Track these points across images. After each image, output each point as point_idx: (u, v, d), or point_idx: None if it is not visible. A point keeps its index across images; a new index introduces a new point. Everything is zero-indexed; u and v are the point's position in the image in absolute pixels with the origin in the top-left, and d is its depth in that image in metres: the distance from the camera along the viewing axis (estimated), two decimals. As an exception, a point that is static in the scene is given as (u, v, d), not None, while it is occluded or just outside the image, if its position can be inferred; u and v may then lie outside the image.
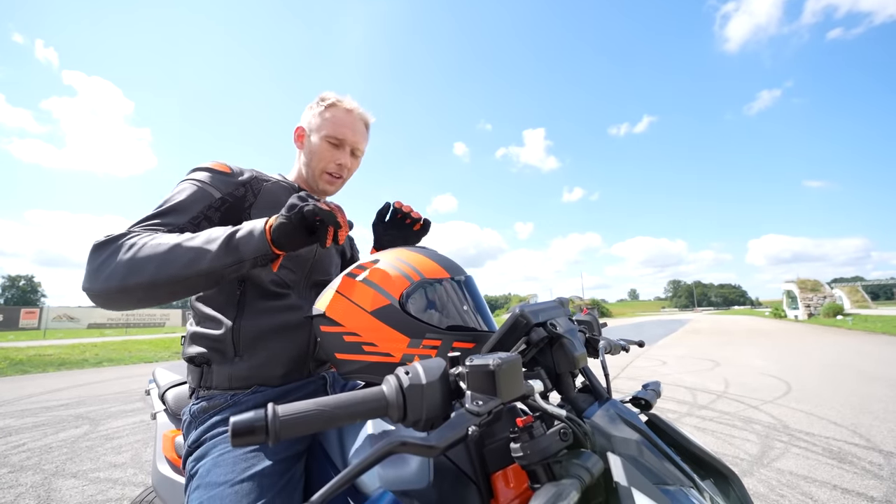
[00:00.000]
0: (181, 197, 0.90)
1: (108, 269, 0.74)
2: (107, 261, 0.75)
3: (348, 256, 1.32)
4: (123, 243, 0.76)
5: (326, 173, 1.11)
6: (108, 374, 8.15)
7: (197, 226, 0.89)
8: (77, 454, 3.35)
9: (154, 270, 0.73)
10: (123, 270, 0.73)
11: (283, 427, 0.41)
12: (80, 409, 4.99)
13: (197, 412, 0.90)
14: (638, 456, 0.52)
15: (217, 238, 0.77)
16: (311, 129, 1.11)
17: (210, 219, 0.93)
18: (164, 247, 0.75)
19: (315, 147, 1.10)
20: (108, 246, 0.76)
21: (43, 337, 24.25)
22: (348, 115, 1.11)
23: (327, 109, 1.10)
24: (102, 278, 0.74)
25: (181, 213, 0.88)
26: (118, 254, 0.75)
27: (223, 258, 0.76)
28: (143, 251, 0.74)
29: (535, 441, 0.51)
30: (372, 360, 0.72)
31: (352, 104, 1.12)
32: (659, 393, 0.75)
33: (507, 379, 0.48)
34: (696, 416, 4.23)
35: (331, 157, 1.10)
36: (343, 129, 1.09)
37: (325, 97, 1.12)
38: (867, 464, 2.90)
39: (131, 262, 0.73)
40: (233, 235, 0.78)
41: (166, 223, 0.86)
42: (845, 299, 34.55)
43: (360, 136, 1.13)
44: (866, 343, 11.93)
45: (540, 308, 0.65)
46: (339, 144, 1.10)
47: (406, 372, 0.49)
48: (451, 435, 0.43)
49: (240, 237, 0.77)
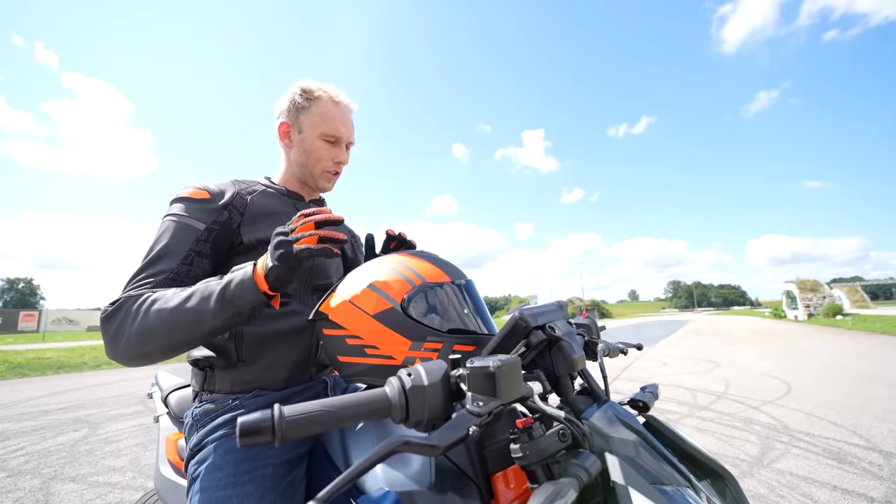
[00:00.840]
0: (166, 239, 0.88)
1: (122, 341, 0.76)
2: (118, 332, 0.76)
3: (350, 257, 1.29)
4: (128, 312, 0.77)
5: (327, 172, 1.08)
6: (107, 378, 8.14)
7: (190, 264, 0.89)
8: (76, 458, 3.34)
9: (164, 338, 0.75)
10: (136, 340, 0.75)
11: (289, 427, 0.41)
12: (79, 413, 4.98)
13: (199, 415, 0.90)
14: (635, 456, 0.53)
15: (211, 294, 0.76)
16: (302, 126, 1.05)
17: (201, 252, 0.91)
18: (166, 312, 0.75)
19: (310, 146, 1.05)
20: (114, 317, 0.77)
21: (42, 340, 24.21)
22: (338, 108, 1.05)
23: (315, 103, 1.04)
24: (120, 349, 0.76)
25: (171, 256, 0.87)
26: (126, 325, 0.76)
27: (222, 314, 0.76)
28: (148, 320, 0.75)
29: (535, 442, 0.52)
30: (374, 362, 0.72)
31: (338, 95, 1.06)
32: (657, 395, 0.76)
33: (507, 380, 0.49)
34: (697, 416, 4.23)
35: (330, 155, 1.06)
36: (338, 124, 1.04)
37: (307, 88, 1.04)
38: (867, 464, 2.91)
39: (140, 333, 0.75)
40: (225, 291, 0.76)
41: (160, 271, 0.85)
42: (845, 299, 34.62)
43: (352, 129, 1.09)
44: (866, 343, 11.95)
45: (539, 311, 0.66)
46: (336, 141, 1.06)
47: (408, 373, 0.49)
48: (452, 435, 0.44)
49: (233, 291, 0.76)
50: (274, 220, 1.00)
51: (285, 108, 1.06)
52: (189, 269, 0.88)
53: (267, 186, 1.08)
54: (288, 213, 1.05)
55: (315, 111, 1.03)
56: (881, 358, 8.60)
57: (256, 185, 1.06)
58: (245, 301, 0.76)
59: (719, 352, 10.50)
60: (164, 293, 0.79)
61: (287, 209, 1.06)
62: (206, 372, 0.94)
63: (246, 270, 0.78)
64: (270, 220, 0.99)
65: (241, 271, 0.78)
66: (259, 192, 1.03)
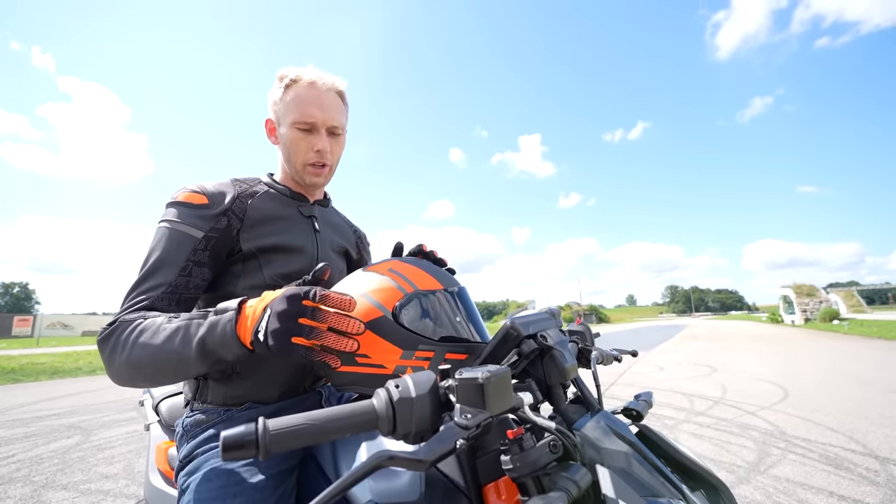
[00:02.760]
0: (162, 249, 0.84)
1: (114, 367, 0.75)
2: (110, 358, 0.75)
3: (355, 259, 1.19)
4: (118, 340, 0.75)
5: (308, 165, 0.99)
6: (101, 383, 8.05)
7: (189, 275, 0.86)
8: (68, 465, 3.30)
9: (151, 376, 0.75)
10: (126, 371, 0.75)
11: (273, 441, 0.41)
12: (73, 419, 4.93)
13: (190, 425, 0.89)
14: (627, 468, 0.53)
15: (192, 339, 0.70)
16: (279, 117, 0.97)
17: (199, 262, 0.87)
18: (151, 350, 0.71)
19: (287, 139, 0.97)
20: (107, 342, 0.76)
21: (36, 345, 24.01)
22: (312, 89, 0.94)
23: (287, 90, 0.95)
24: (114, 375, 0.76)
25: (168, 268, 0.83)
26: (116, 353, 0.75)
27: (205, 362, 0.71)
28: (135, 354, 0.73)
29: (525, 453, 0.51)
30: (365, 371, 0.71)
31: (314, 75, 0.95)
32: (651, 403, 0.76)
33: (496, 392, 0.48)
34: (694, 422, 4.22)
35: (306, 145, 0.96)
36: (310, 108, 0.94)
37: (282, 75, 0.96)
38: (864, 470, 2.90)
39: (129, 365, 0.74)
40: (206, 340, 0.69)
41: (158, 284, 0.82)
42: (841, 304, 34.72)
43: (333, 111, 0.97)
44: (862, 348, 11.98)
45: (531, 319, 0.65)
46: (311, 128, 0.96)
47: (396, 385, 0.49)
48: (439, 448, 0.44)
49: (214, 342, 0.68)
50: (274, 226, 0.97)
51: (270, 101, 1.00)
52: (188, 281, 0.86)
53: (270, 186, 1.03)
54: (290, 217, 1.01)
55: (288, 98, 0.95)
56: (877, 362, 8.62)
57: (258, 186, 1.01)
58: (227, 354, 0.69)
59: (716, 356, 10.50)
60: (154, 323, 0.74)
61: (289, 213, 1.02)
62: (200, 381, 0.92)
63: (230, 322, 0.68)
64: (270, 226, 0.96)
65: (224, 320, 0.68)
66: (260, 195, 0.99)
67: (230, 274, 0.93)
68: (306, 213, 1.06)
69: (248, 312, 0.68)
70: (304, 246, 1.01)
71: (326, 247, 1.07)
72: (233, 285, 0.92)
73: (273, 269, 0.94)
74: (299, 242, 1.00)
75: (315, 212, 1.09)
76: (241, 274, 0.93)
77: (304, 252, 1.00)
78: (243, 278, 0.92)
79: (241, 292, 0.89)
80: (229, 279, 0.93)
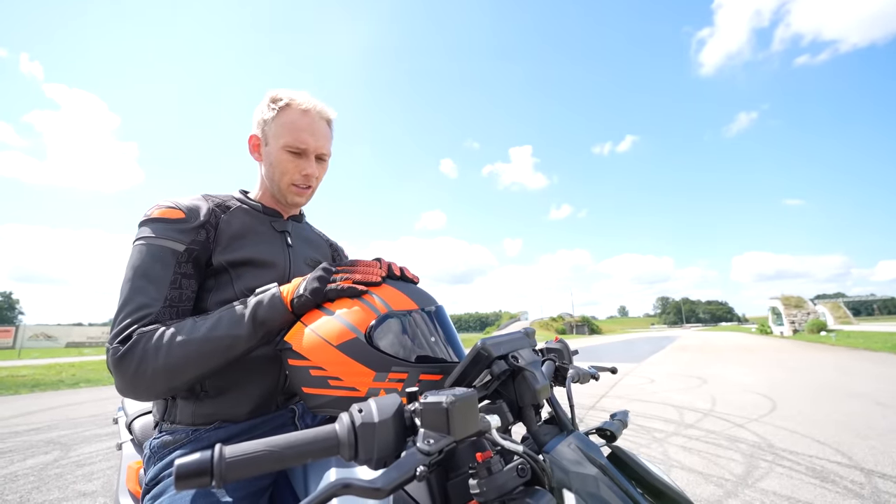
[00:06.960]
0: (148, 265, 0.83)
1: (145, 378, 0.74)
2: (139, 370, 0.74)
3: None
4: (146, 349, 0.74)
5: (293, 185, 1.02)
6: (83, 396, 7.86)
7: (179, 287, 0.86)
8: (45, 482, 3.20)
9: (196, 369, 0.76)
10: (165, 375, 0.75)
11: (228, 469, 0.40)
12: (52, 434, 4.79)
13: (157, 447, 0.86)
14: (595, 491, 0.53)
15: (240, 319, 0.79)
16: (268, 137, 1.00)
17: (186, 274, 0.87)
18: (195, 343, 0.76)
19: (275, 158, 0.99)
20: (131, 356, 0.74)
21: (18, 357, 23.35)
22: (305, 116, 0.98)
23: (281, 113, 0.98)
24: (144, 388, 0.75)
25: (158, 282, 0.83)
26: (148, 361, 0.74)
27: (256, 335, 0.79)
28: (174, 354, 0.74)
29: (493, 477, 0.51)
30: (338, 394, 0.70)
31: (308, 102, 0.99)
32: (626, 423, 0.76)
33: (461, 416, 0.48)
34: (683, 435, 4.22)
35: (295, 168, 0.99)
36: (303, 134, 0.97)
37: (276, 97, 0.99)
38: (849, 482, 2.92)
39: (169, 368, 0.74)
40: (256, 312, 0.79)
41: (152, 300, 0.81)
42: (828, 315, 35.18)
43: (322, 140, 1.01)
44: (848, 359, 12.12)
45: (503, 340, 0.65)
46: (302, 153, 0.99)
47: (359, 409, 0.48)
48: (398, 476, 0.43)
49: (264, 313, 0.79)
50: (246, 241, 0.96)
51: (256, 120, 1.03)
52: (181, 293, 0.86)
53: (241, 202, 1.03)
54: (263, 232, 1.01)
55: (280, 121, 0.98)
56: (863, 373, 8.72)
57: (230, 202, 1.01)
58: (276, 322, 0.79)
59: (707, 368, 10.55)
60: (181, 325, 0.79)
61: (262, 228, 1.02)
62: (168, 401, 0.89)
63: (273, 293, 0.80)
64: (242, 241, 0.95)
65: (267, 294, 0.81)
66: (233, 210, 0.99)
67: (202, 289, 0.91)
68: (279, 228, 1.06)
69: (287, 288, 0.82)
70: (275, 260, 1.00)
71: (300, 261, 1.06)
72: (203, 301, 0.91)
73: (244, 283, 0.92)
74: (270, 256, 0.99)
75: (288, 227, 1.08)
76: (212, 289, 0.91)
77: (276, 266, 0.99)
78: (214, 293, 0.91)
79: (212, 307, 0.88)
80: (201, 294, 0.91)
